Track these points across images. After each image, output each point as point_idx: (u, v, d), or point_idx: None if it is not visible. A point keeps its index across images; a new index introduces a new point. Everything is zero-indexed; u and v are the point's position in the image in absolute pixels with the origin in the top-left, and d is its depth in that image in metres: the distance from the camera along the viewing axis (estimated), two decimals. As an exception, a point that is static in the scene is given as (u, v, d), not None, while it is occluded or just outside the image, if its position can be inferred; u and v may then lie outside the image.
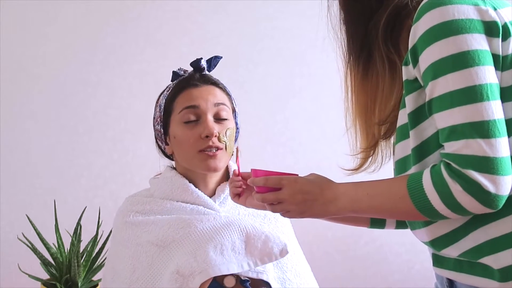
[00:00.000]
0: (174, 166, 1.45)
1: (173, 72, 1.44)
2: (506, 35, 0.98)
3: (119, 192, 2.47)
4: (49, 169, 2.46)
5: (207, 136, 1.33)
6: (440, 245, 1.09)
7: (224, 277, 1.28)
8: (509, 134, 0.98)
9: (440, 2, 0.99)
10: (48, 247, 2.00)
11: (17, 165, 2.44)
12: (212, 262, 1.25)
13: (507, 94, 0.99)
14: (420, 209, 1.01)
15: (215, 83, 1.41)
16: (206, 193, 1.39)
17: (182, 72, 1.44)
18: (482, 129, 0.94)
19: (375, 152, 1.20)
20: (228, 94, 1.42)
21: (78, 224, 2.02)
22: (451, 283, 1.11)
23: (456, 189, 0.95)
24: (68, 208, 2.32)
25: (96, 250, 2.03)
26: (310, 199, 1.14)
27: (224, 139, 1.34)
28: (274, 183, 1.17)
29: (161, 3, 2.50)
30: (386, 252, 2.65)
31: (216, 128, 1.34)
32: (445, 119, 0.98)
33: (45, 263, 2.01)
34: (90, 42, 2.46)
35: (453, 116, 0.96)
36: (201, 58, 1.42)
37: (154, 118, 1.44)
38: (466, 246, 1.04)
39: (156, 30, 2.50)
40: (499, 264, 1.01)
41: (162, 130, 1.41)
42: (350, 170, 1.23)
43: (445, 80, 0.97)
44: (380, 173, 1.22)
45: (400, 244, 2.62)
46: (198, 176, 1.39)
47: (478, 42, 0.96)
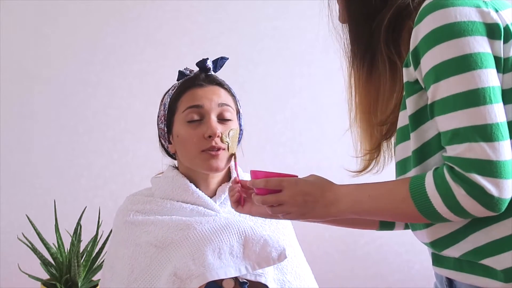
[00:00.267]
0: (177, 165, 1.45)
1: (179, 71, 1.44)
2: (508, 37, 0.98)
3: (119, 192, 2.47)
4: (49, 169, 2.46)
5: (210, 136, 1.33)
6: (440, 246, 1.08)
7: (222, 279, 1.28)
8: (510, 136, 0.97)
9: (442, 4, 0.98)
10: (48, 247, 2.00)
11: (17, 165, 2.44)
12: (210, 266, 1.25)
13: (508, 96, 0.99)
14: (422, 211, 1.01)
15: (220, 84, 1.41)
16: (207, 193, 1.39)
17: (188, 72, 1.44)
18: (485, 133, 0.94)
19: (379, 154, 1.20)
20: (233, 95, 1.42)
21: (78, 224, 2.02)
22: (450, 282, 1.11)
23: (459, 192, 0.95)
24: (68, 208, 2.32)
25: (96, 250, 2.03)
26: (311, 201, 1.13)
27: (226, 139, 1.34)
28: (274, 185, 1.16)
29: (161, 3, 2.50)
30: (386, 252, 2.64)
31: (219, 129, 1.34)
32: (447, 122, 0.98)
33: (45, 263, 2.01)
34: (90, 42, 2.46)
35: (456, 119, 0.96)
36: (207, 58, 1.42)
37: (158, 116, 1.44)
38: (467, 247, 1.04)
39: (156, 30, 2.50)
40: (501, 266, 1.01)
41: (165, 129, 1.41)
42: (355, 172, 1.22)
43: (448, 83, 0.96)
44: (384, 174, 1.22)
45: (400, 244, 2.62)
46: (199, 176, 1.39)
47: (481, 45, 0.96)
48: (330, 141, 2.56)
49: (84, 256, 2.01)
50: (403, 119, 1.08)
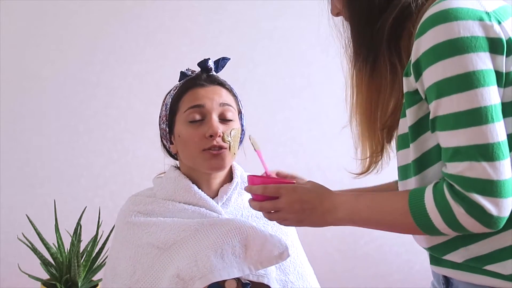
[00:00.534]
0: (178, 165, 1.45)
1: (181, 72, 1.44)
2: (510, 50, 0.97)
3: (119, 192, 2.47)
4: (49, 169, 2.46)
5: (211, 136, 1.33)
6: (440, 252, 1.09)
7: (225, 280, 1.28)
8: (511, 149, 0.98)
9: (444, 17, 0.97)
10: (48, 247, 2.00)
11: (17, 165, 2.44)
12: (213, 267, 1.25)
13: (507, 110, 0.99)
14: (421, 226, 1.02)
15: (222, 84, 1.41)
16: (209, 194, 1.39)
17: (190, 72, 1.44)
18: (487, 152, 0.94)
19: (382, 156, 1.19)
20: (234, 95, 1.42)
21: (78, 224, 2.02)
22: (447, 281, 1.12)
23: (459, 211, 0.96)
24: (68, 208, 2.32)
25: (96, 250, 2.03)
26: (309, 208, 1.14)
27: (228, 139, 1.34)
28: (272, 192, 1.17)
29: (161, 3, 2.50)
30: (386, 252, 2.65)
31: (221, 128, 1.34)
32: (449, 139, 0.98)
33: (45, 263, 2.01)
34: (90, 42, 2.47)
35: (458, 137, 0.96)
36: (209, 58, 1.42)
37: (159, 117, 1.44)
38: (469, 254, 1.05)
39: (156, 30, 2.50)
40: (507, 271, 1.02)
41: (167, 129, 1.41)
42: (356, 174, 1.22)
43: (450, 100, 0.96)
44: (383, 174, 1.22)
45: (400, 244, 2.62)
46: (201, 176, 1.39)
47: (483, 62, 0.95)
48: (330, 141, 2.56)
49: (84, 256, 2.01)
50: (403, 126, 1.07)
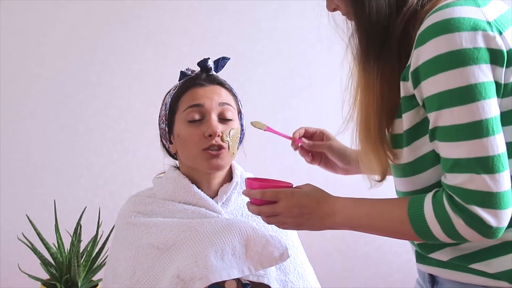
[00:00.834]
0: (178, 165, 1.45)
1: (181, 71, 1.44)
2: (510, 62, 0.97)
3: (119, 192, 2.47)
4: (49, 169, 2.46)
5: (210, 135, 1.32)
6: (427, 250, 1.11)
7: (225, 280, 1.28)
8: (510, 155, 0.99)
9: (447, 28, 0.96)
10: (48, 247, 2.00)
11: (17, 165, 2.44)
12: (213, 268, 1.25)
13: (504, 119, 0.99)
14: (420, 234, 1.03)
15: (221, 83, 1.41)
16: (208, 193, 1.39)
17: (190, 72, 1.44)
18: (487, 165, 0.95)
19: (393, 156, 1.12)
20: (234, 95, 1.42)
21: (78, 224, 2.02)
22: (432, 279, 1.14)
23: (458, 223, 0.97)
24: (68, 208, 2.32)
25: (96, 250, 2.03)
26: (307, 213, 1.15)
27: (227, 138, 1.34)
28: (270, 197, 1.17)
29: (161, 3, 2.50)
30: (386, 252, 2.65)
31: (220, 128, 1.33)
32: (449, 150, 0.98)
33: (45, 263, 2.01)
34: (90, 42, 2.46)
35: (458, 149, 0.97)
36: (208, 58, 1.42)
37: (159, 116, 1.44)
38: (455, 253, 1.07)
39: (156, 30, 2.50)
40: (493, 270, 1.03)
41: (166, 129, 1.41)
42: (377, 181, 1.16)
43: (451, 112, 0.96)
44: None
45: (400, 244, 2.62)
46: (201, 176, 1.39)
47: (485, 74, 0.95)
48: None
49: (84, 256, 2.01)
50: (398, 127, 1.07)
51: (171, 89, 1.43)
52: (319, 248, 2.57)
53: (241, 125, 1.43)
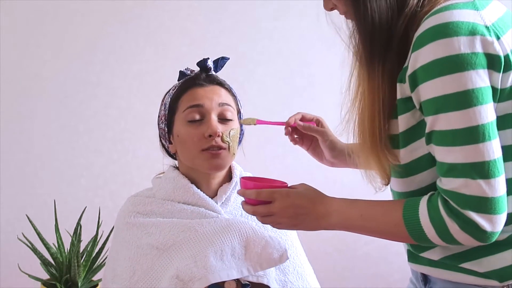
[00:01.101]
0: (177, 165, 1.45)
1: (180, 71, 1.44)
2: (507, 67, 0.97)
3: (119, 192, 2.47)
4: (49, 169, 2.46)
5: (210, 136, 1.32)
6: (418, 249, 1.12)
7: (224, 281, 1.28)
8: (508, 159, 1.00)
9: (445, 32, 0.96)
10: (48, 247, 2.00)
11: (17, 165, 2.44)
12: (212, 268, 1.25)
13: (500, 123, 0.99)
14: (414, 237, 1.04)
15: (221, 84, 1.40)
16: (208, 193, 1.38)
17: (189, 72, 1.44)
18: (482, 170, 0.95)
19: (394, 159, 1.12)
20: (233, 95, 1.42)
21: (78, 224, 2.02)
22: (425, 278, 1.15)
23: (453, 227, 0.98)
24: (68, 208, 2.32)
25: (96, 250, 2.03)
26: (302, 213, 1.15)
27: (227, 139, 1.34)
28: (266, 197, 1.17)
29: (161, 3, 2.50)
30: (386, 252, 2.65)
31: (220, 128, 1.33)
32: (445, 154, 0.98)
33: (45, 263, 2.01)
34: (90, 42, 2.46)
35: (454, 154, 0.97)
36: (208, 58, 1.42)
37: (158, 116, 1.44)
38: (445, 252, 1.07)
39: (156, 30, 2.50)
40: (483, 269, 1.04)
41: (166, 129, 1.41)
42: (380, 187, 1.17)
43: (448, 117, 0.96)
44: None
45: (400, 244, 2.61)
46: (200, 176, 1.38)
47: (482, 79, 0.95)
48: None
49: (84, 256, 2.01)
50: (394, 128, 1.07)
51: (170, 89, 1.43)
52: (319, 248, 2.57)
53: (241, 125, 1.43)
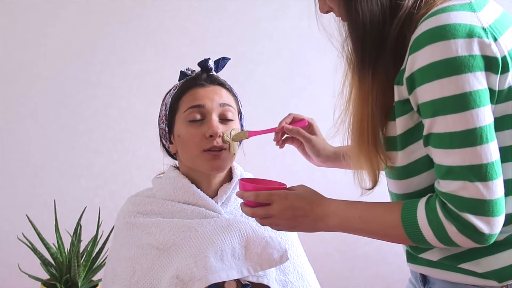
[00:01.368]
0: (177, 165, 1.45)
1: (181, 71, 1.44)
2: (505, 69, 0.97)
3: (119, 192, 2.47)
4: (49, 169, 2.46)
5: (211, 136, 1.33)
6: (417, 250, 1.12)
7: (224, 281, 1.28)
8: (506, 160, 1.00)
9: (442, 35, 0.95)
10: (48, 247, 2.00)
11: (17, 165, 2.44)
12: (212, 268, 1.25)
13: (498, 125, 0.99)
14: (412, 239, 1.04)
15: (222, 84, 1.41)
16: (208, 193, 1.38)
17: (190, 72, 1.44)
18: (480, 172, 0.95)
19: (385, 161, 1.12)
20: (234, 95, 1.42)
21: (78, 224, 2.02)
22: (424, 278, 1.15)
23: (451, 230, 0.98)
24: (68, 208, 2.32)
25: (96, 250, 2.03)
26: (301, 215, 1.15)
27: (228, 139, 1.34)
28: (264, 199, 1.17)
29: (161, 3, 2.50)
30: (386, 252, 2.64)
31: (221, 128, 1.33)
32: (443, 157, 0.98)
33: (45, 263, 2.01)
34: (90, 42, 2.46)
35: (452, 156, 0.97)
36: (209, 58, 1.42)
37: (159, 116, 1.44)
38: (444, 253, 1.07)
39: (156, 30, 2.50)
40: (482, 269, 1.04)
41: (166, 129, 1.41)
42: (367, 189, 1.17)
43: (445, 120, 0.96)
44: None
45: (400, 245, 2.62)
46: (201, 176, 1.38)
47: (479, 81, 0.95)
48: (329, 141, 2.56)
49: (84, 256, 2.01)
50: (392, 130, 1.07)
51: (171, 89, 1.43)
52: (319, 249, 2.57)
53: (241, 125, 1.43)
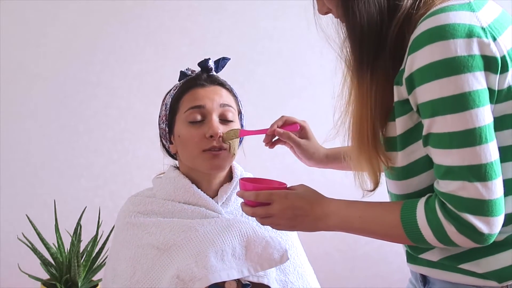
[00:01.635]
0: (177, 165, 1.45)
1: (181, 72, 1.44)
2: (504, 69, 0.97)
3: (119, 192, 2.47)
4: (49, 169, 2.46)
5: (211, 136, 1.33)
6: (417, 250, 1.12)
7: (225, 281, 1.28)
8: (506, 159, 1.00)
9: (441, 35, 0.95)
10: (48, 247, 2.00)
11: (17, 165, 2.44)
12: (213, 268, 1.25)
13: (498, 124, 0.99)
14: (412, 239, 1.04)
15: (222, 84, 1.41)
16: (208, 193, 1.39)
17: (190, 72, 1.44)
18: (480, 172, 0.95)
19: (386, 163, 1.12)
20: (234, 95, 1.42)
21: (78, 224, 2.02)
22: (424, 278, 1.15)
23: (450, 230, 0.98)
24: (68, 208, 2.32)
25: (96, 250, 2.03)
26: (301, 215, 1.15)
27: (228, 140, 1.35)
28: (264, 199, 1.17)
29: (161, 3, 2.50)
30: (386, 252, 2.65)
31: (221, 129, 1.34)
32: (442, 157, 0.98)
33: (45, 263, 2.01)
34: (90, 42, 2.46)
35: (451, 156, 0.97)
36: (209, 58, 1.42)
37: (159, 116, 1.44)
38: (444, 253, 1.07)
39: (156, 30, 2.50)
40: (482, 270, 1.04)
41: (167, 129, 1.41)
42: (368, 191, 1.17)
43: (445, 120, 0.96)
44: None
45: (400, 244, 2.62)
46: (201, 176, 1.38)
47: (479, 81, 0.95)
48: (329, 141, 2.56)
49: (84, 256, 2.01)
50: (392, 130, 1.07)
51: (171, 89, 1.43)
52: (319, 249, 2.57)
53: (241, 125, 1.43)
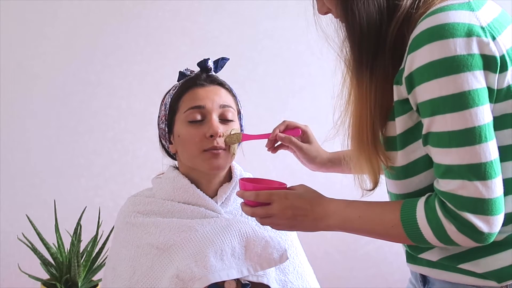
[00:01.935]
0: (177, 165, 1.45)
1: (180, 72, 1.44)
2: (503, 68, 0.97)
3: (119, 192, 2.47)
4: (49, 169, 2.46)
5: (211, 136, 1.33)
6: (416, 250, 1.12)
7: (224, 280, 1.28)
8: (506, 159, 1.00)
9: (441, 34, 0.95)
10: (48, 247, 2.00)
11: (17, 165, 2.44)
12: (212, 268, 1.25)
13: (497, 124, 0.99)
14: (412, 238, 1.04)
15: (222, 84, 1.41)
16: (208, 193, 1.39)
17: (189, 72, 1.44)
18: (479, 171, 0.95)
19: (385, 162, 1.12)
20: (234, 95, 1.42)
21: (78, 224, 2.02)
22: (424, 278, 1.15)
23: (450, 229, 0.98)
24: (68, 208, 2.32)
25: (96, 250, 2.03)
26: (301, 215, 1.15)
27: (228, 140, 1.35)
28: (264, 199, 1.17)
29: (161, 3, 2.50)
30: (386, 252, 2.65)
31: (221, 128, 1.34)
32: (442, 156, 0.98)
33: (45, 263, 2.01)
34: (90, 42, 2.46)
35: (451, 156, 0.97)
36: (208, 58, 1.42)
37: (159, 116, 1.44)
38: (444, 253, 1.07)
39: (156, 30, 2.50)
40: (482, 269, 1.04)
41: (166, 129, 1.41)
42: (367, 191, 1.18)
43: (444, 119, 0.96)
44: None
45: (400, 244, 2.62)
46: (201, 176, 1.39)
47: (478, 80, 0.95)
48: (329, 141, 2.56)
49: (84, 256, 2.01)
50: (392, 130, 1.07)
51: (170, 89, 1.43)
52: (319, 248, 2.58)
53: (241, 125, 1.44)
